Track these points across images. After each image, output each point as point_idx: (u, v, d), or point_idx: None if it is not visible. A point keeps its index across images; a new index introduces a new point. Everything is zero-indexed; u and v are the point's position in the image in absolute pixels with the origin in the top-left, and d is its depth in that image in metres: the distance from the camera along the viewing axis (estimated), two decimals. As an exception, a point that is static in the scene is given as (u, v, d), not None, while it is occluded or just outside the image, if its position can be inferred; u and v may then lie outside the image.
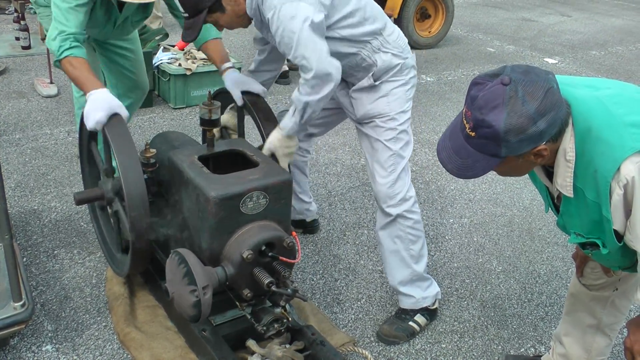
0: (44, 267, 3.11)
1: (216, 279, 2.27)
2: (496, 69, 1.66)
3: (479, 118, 1.60)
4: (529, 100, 1.56)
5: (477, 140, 1.63)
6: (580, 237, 1.88)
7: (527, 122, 1.56)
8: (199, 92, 5.31)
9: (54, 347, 2.64)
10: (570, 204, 1.83)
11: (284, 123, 2.66)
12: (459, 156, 1.70)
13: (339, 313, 3.00)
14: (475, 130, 1.62)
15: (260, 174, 2.40)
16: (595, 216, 1.76)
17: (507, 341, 2.95)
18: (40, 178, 3.95)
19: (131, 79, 3.70)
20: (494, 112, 1.57)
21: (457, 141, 1.70)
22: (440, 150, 1.77)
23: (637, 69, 7.95)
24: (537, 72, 1.61)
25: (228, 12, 2.58)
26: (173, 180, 2.54)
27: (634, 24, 11.05)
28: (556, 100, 1.59)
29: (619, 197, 1.65)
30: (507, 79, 1.58)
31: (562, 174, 1.76)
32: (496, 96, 1.58)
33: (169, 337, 2.66)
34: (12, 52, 6.25)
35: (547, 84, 1.58)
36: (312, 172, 4.37)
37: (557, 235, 3.85)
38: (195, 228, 2.41)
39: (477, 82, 1.64)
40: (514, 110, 1.56)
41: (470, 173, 1.70)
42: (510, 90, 1.57)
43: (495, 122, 1.57)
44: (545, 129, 1.59)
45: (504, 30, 9.54)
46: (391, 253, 2.86)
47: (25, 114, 4.87)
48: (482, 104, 1.59)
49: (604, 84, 1.85)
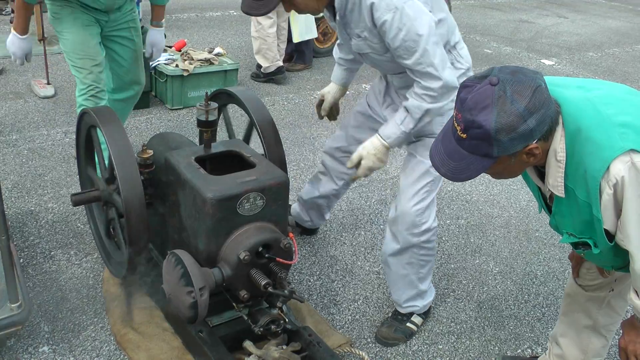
0: (40, 268, 3.11)
1: (213, 280, 2.27)
2: (484, 71, 1.68)
3: (469, 119, 1.61)
4: (518, 99, 1.58)
5: (468, 141, 1.65)
6: (573, 237, 1.90)
7: (517, 120, 1.58)
8: (196, 93, 5.30)
9: (50, 348, 2.64)
10: (562, 204, 1.85)
11: (387, 131, 2.51)
12: (452, 159, 1.71)
13: (335, 314, 3.00)
14: (467, 131, 1.63)
15: (257, 175, 2.40)
16: (586, 216, 1.78)
17: (504, 342, 2.95)
18: (37, 179, 3.94)
19: (129, 72, 3.74)
20: (484, 112, 1.59)
21: (450, 145, 1.72)
22: (433, 154, 1.78)
23: (634, 71, 7.97)
24: (525, 72, 1.63)
25: None
26: (170, 181, 2.54)
27: (630, 26, 11.08)
28: (545, 98, 1.61)
29: (608, 196, 1.67)
30: (495, 79, 1.61)
31: (553, 175, 1.77)
32: (485, 97, 1.60)
33: (166, 338, 2.66)
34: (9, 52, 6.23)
35: (535, 82, 1.60)
36: (308, 173, 4.37)
37: (553, 236, 3.85)
38: (192, 229, 2.41)
39: (466, 85, 1.66)
40: (504, 109, 1.58)
41: (464, 175, 1.71)
42: (499, 90, 1.59)
43: (485, 122, 1.59)
44: (536, 127, 1.61)
45: (501, 31, 9.56)
46: (399, 277, 2.82)
47: (22, 114, 4.86)
48: (471, 105, 1.61)
49: (594, 85, 1.86)
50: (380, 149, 2.53)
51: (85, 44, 3.41)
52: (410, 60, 2.34)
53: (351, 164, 2.60)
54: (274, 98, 5.78)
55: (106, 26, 3.51)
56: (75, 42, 3.40)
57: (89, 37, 3.43)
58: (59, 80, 5.60)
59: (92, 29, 3.44)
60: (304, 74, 6.47)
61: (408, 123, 2.46)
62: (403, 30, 2.28)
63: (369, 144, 2.55)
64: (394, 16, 2.27)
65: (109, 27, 3.53)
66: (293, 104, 5.64)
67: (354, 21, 2.43)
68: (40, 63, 5.47)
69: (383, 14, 2.29)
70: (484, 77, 1.64)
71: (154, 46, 3.82)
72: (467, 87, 1.65)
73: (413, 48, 2.31)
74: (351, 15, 2.42)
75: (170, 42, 5.91)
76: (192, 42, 6.82)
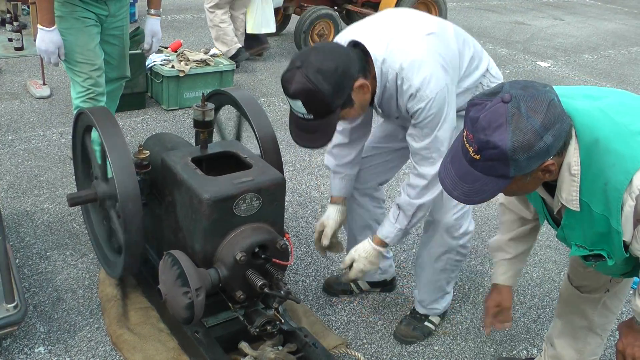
0: (36, 269, 3.10)
1: (209, 281, 2.27)
2: (493, 87, 1.61)
3: (483, 140, 1.53)
4: (533, 115, 1.50)
5: (482, 163, 1.57)
6: (583, 249, 1.83)
7: (534, 138, 1.50)
8: (191, 93, 5.31)
9: (46, 349, 2.64)
10: (573, 217, 1.78)
11: (384, 232, 2.48)
12: (464, 182, 1.63)
13: (331, 315, 3.01)
14: (480, 152, 1.55)
15: (253, 175, 2.40)
16: (602, 228, 1.71)
17: (499, 343, 2.96)
18: (33, 179, 3.94)
19: (116, 69, 3.71)
20: (498, 131, 1.51)
21: (461, 166, 1.63)
22: (443, 178, 1.69)
23: (630, 73, 7.99)
24: (536, 87, 1.56)
25: (355, 105, 2.24)
26: (166, 181, 2.54)
27: (626, 28, 11.11)
28: (559, 112, 1.54)
29: (630, 208, 1.61)
30: (507, 96, 1.53)
31: (567, 189, 1.70)
32: (498, 115, 1.52)
33: (162, 339, 2.66)
34: (4, 53, 6.23)
35: (548, 96, 1.54)
36: (304, 174, 4.38)
37: (549, 238, 3.86)
38: (188, 230, 2.41)
39: (475, 103, 1.58)
40: (519, 127, 1.50)
41: (478, 198, 1.63)
42: (512, 107, 1.51)
43: (501, 142, 1.51)
44: (552, 143, 1.54)
45: (496, 33, 9.58)
46: (430, 282, 2.83)
47: (18, 115, 4.86)
48: (484, 125, 1.53)
49: (600, 93, 1.81)
50: (372, 253, 2.51)
51: (85, 47, 3.37)
52: (420, 144, 2.32)
53: (344, 265, 2.59)
54: (270, 99, 5.78)
55: (105, 22, 3.47)
56: (74, 45, 3.35)
57: (89, 40, 3.38)
58: (55, 81, 5.60)
59: (92, 29, 3.40)
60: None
61: (402, 220, 2.44)
62: (431, 114, 2.24)
63: (361, 247, 2.53)
64: (427, 104, 2.22)
65: (107, 24, 3.49)
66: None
67: (392, 108, 2.39)
68: (36, 63, 5.47)
69: (415, 104, 2.24)
70: (494, 93, 1.56)
71: (154, 35, 3.70)
72: (476, 105, 1.57)
73: (432, 129, 2.28)
74: (388, 104, 2.37)
75: (166, 43, 5.91)
76: (187, 43, 6.82)
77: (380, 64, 2.23)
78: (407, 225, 2.44)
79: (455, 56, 2.34)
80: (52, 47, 3.24)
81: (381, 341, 2.88)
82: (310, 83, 2.07)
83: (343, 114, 2.24)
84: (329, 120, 2.18)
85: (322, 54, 2.13)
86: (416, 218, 2.43)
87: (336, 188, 2.75)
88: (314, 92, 2.08)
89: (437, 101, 2.22)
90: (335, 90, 2.10)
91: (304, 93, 2.09)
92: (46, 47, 3.24)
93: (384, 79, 2.25)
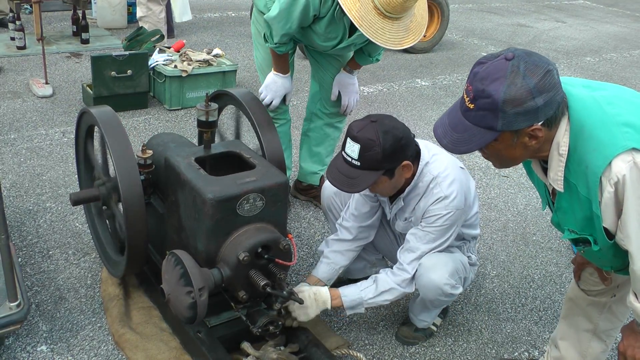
0: (39, 268, 3.11)
1: (212, 281, 2.27)
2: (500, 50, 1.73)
3: (480, 89, 1.65)
4: (530, 75, 1.62)
5: (474, 112, 1.68)
6: (574, 233, 1.91)
7: (526, 94, 1.62)
8: (194, 93, 5.31)
9: (48, 348, 2.64)
10: (563, 200, 1.86)
11: (347, 291, 2.60)
12: (455, 131, 1.74)
13: (333, 316, 3.01)
14: (475, 101, 1.67)
15: (257, 176, 2.40)
16: (587, 212, 1.79)
17: (500, 345, 2.96)
18: (35, 178, 3.94)
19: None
20: (495, 83, 1.63)
21: (455, 116, 1.76)
22: (437, 127, 1.81)
23: (631, 76, 7.99)
24: (540, 56, 1.68)
25: (392, 179, 2.44)
26: (169, 181, 2.55)
27: (628, 31, 11.11)
28: (555, 82, 1.65)
29: (609, 194, 1.68)
30: (510, 54, 1.66)
31: (554, 168, 1.79)
32: (498, 70, 1.64)
33: (164, 339, 2.66)
34: (7, 52, 6.24)
35: (548, 67, 1.64)
36: (308, 175, 4.37)
37: (551, 240, 3.87)
38: (191, 229, 2.41)
39: (481, 62, 1.71)
40: (514, 82, 1.62)
41: (464, 147, 1.74)
42: (513, 65, 1.63)
43: (494, 92, 1.63)
44: (542, 106, 1.64)
45: (498, 35, 9.58)
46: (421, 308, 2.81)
47: (20, 114, 4.86)
48: (484, 76, 1.66)
49: (600, 85, 1.87)
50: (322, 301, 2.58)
51: None
52: (420, 245, 2.55)
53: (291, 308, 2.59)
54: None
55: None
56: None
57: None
58: (57, 80, 5.60)
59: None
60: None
61: (368, 292, 2.57)
62: (441, 227, 2.51)
63: (312, 295, 2.57)
64: (445, 214, 2.48)
65: None
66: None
67: (410, 208, 2.59)
68: (39, 62, 5.47)
69: (440, 210, 2.48)
70: (499, 54, 1.69)
71: (341, 87, 3.61)
72: (481, 64, 1.70)
73: (432, 241, 2.54)
74: (409, 201, 2.58)
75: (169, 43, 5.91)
76: (190, 43, 6.82)
77: (423, 165, 2.50)
78: (370, 298, 2.57)
79: (469, 205, 2.62)
80: (281, 91, 3.41)
81: (383, 342, 2.89)
82: (376, 136, 2.30)
83: (378, 181, 2.41)
84: (369, 175, 2.36)
85: (395, 123, 2.39)
86: (381, 297, 2.57)
87: (319, 271, 2.82)
88: (374, 145, 2.30)
89: (455, 216, 2.49)
90: (390, 153, 2.33)
91: (365, 141, 2.31)
92: (276, 88, 3.40)
93: (420, 177, 2.51)
